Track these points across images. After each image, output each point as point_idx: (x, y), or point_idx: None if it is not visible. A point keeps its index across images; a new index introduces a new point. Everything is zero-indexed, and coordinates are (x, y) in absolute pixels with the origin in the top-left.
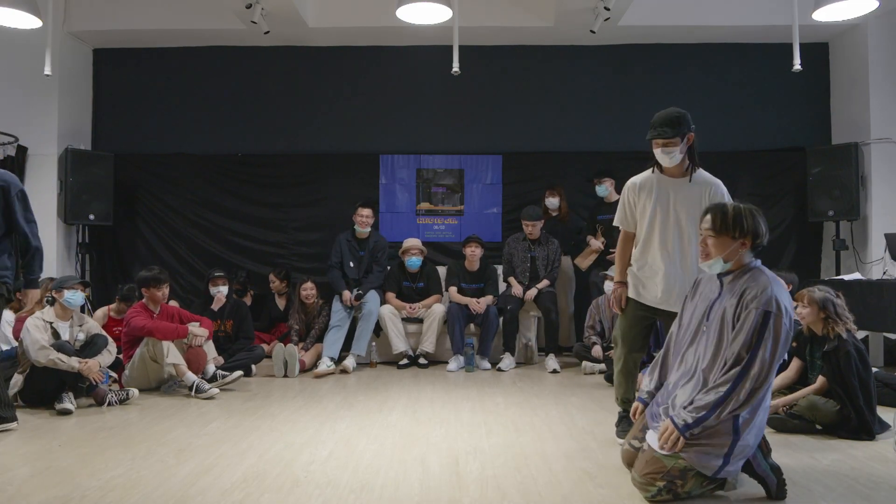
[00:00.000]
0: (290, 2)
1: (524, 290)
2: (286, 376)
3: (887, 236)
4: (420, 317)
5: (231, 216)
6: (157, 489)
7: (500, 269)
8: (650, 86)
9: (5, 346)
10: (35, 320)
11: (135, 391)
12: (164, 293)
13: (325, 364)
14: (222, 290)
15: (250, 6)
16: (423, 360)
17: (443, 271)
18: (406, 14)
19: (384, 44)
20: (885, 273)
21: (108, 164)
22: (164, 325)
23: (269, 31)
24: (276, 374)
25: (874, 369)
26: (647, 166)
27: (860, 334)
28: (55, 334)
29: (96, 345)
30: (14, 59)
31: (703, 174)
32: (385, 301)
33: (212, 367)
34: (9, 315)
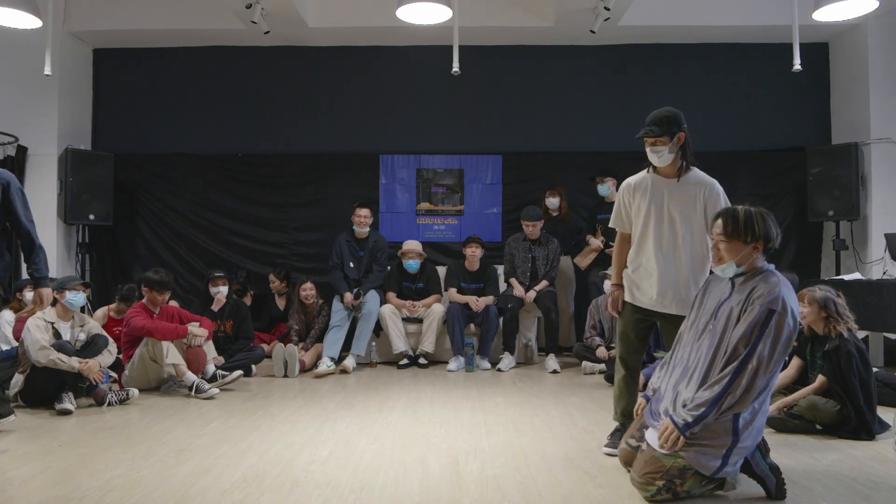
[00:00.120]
0: (290, 2)
1: (525, 290)
2: (286, 376)
3: (887, 236)
4: (420, 316)
5: (231, 216)
6: (157, 489)
7: (500, 269)
8: (650, 86)
9: (5, 346)
10: (36, 320)
11: (135, 391)
12: (164, 298)
13: (325, 364)
14: (222, 290)
15: (250, 6)
16: (423, 360)
17: (443, 271)
18: (406, 14)
19: (384, 44)
20: (885, 273)
21: (108, 164)
22: (164, 326)
23: (269, 31)
24: (276, 374)
25: (874, 369)
26: (643, 166)
27: (860, 334)
28: (57, 334)
29: (97, 345)
30: (14, 59)
31: (698, 174)
32: (385, 301)
33: (211, 367)
34: (9, 315)
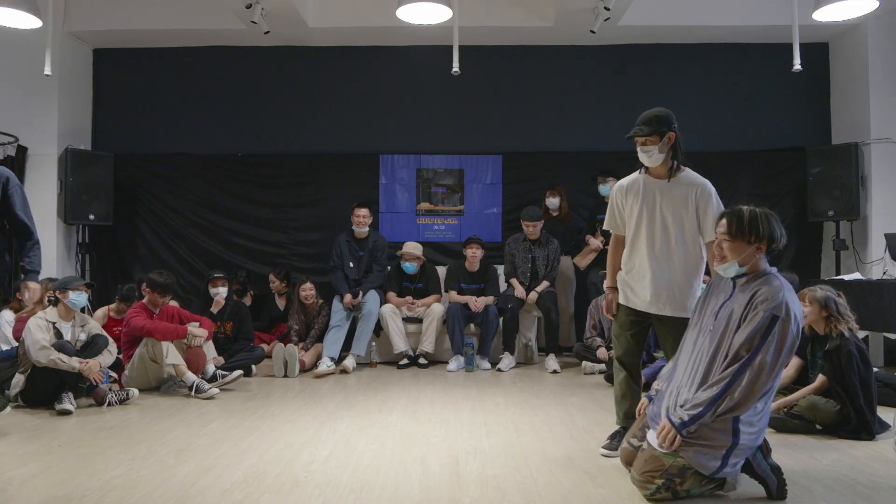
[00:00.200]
0: (290, 2)
1: (525, 290)
2: (286, 376)
3: (887, 236)
4: (419, 316)
5: (231, 216)
6: (157, 489)
7: (500, 270)
8: (650, 86)
9: (5, 346)
10: (38, 320)
11: (135, 391)
12: (166, 301)
13: (325, 364)
14: (221, 291)
15: (250, 6)
16: (422, 360)
17: (442, 272)
18: (406, 14)
19: (384, 44)
20: (885, 273)
21: (108, 164)
22: (164, 326)
23: (269, 31)
24: (276, 374)
25: (874, 369)
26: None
27: (860, 334)
28: (58, 334)
29: (97, 345)
30: (14, 59)
31: (690, 175)
32: (385, 301)
33: (211, 367)
34: (9, 315)
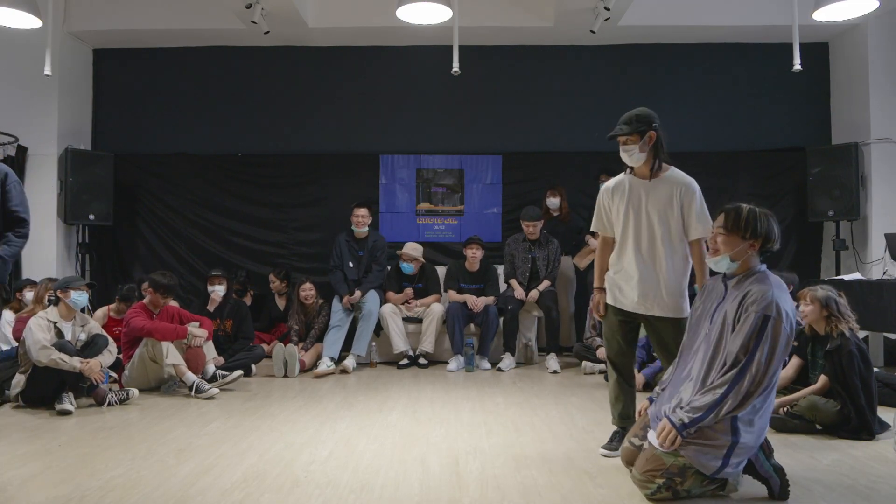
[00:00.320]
0: (290, 2)
1: (525, 291)
2: (286, 376)
3: (887, 236)
4: (419, 316)
5: (231, 216)
6: (157, 489)
7: (500, 270)
8: (650, 86)
9: (5, 346)
10: (39, 320)
11: (135, 391)
12: (167, 302)
13: (325, 364)
14: (218, 289)
15: (250, 6)
16: (422, 360)
17: (442, 272)
18: (406, 14)
19: (384, 44)
20: (885, 273)
21: (108, 164)
22: (164, 326)
23: (269, 31)
24: (276, 374)
25: (875, 369)
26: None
27: (860, 334)
28: (59, 334)
29: (97, 345)
30: (14, 59)
31: (675, 173)
32: (385, 300)
33: (211, 367)
34: (9, 315)
